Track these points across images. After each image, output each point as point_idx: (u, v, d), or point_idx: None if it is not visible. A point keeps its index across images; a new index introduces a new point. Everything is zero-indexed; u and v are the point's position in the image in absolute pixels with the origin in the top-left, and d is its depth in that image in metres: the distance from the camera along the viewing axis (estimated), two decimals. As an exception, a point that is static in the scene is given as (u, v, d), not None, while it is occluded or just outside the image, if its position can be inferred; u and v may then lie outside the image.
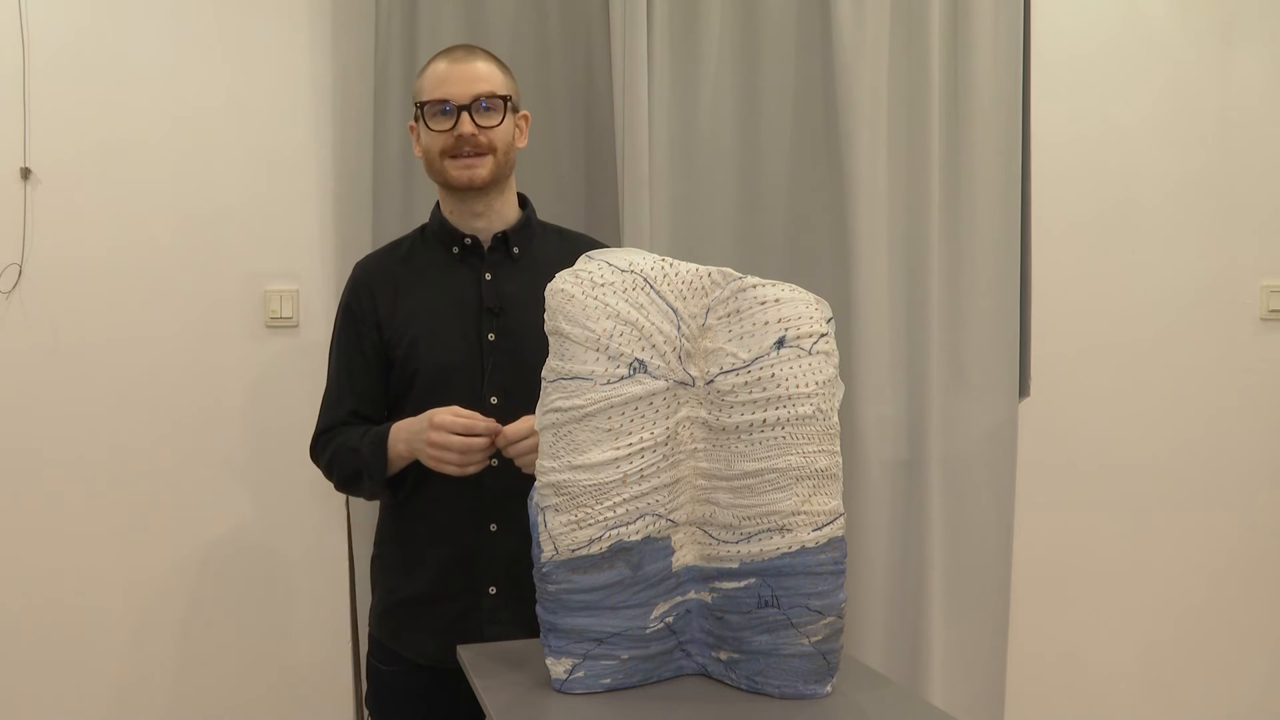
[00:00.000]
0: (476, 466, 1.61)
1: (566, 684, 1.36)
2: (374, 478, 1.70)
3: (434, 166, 1.76)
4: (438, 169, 1.75)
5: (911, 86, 2.57)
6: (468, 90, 1.72)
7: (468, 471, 1.61)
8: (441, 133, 1.72)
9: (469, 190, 1.75)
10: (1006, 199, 2.62)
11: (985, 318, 2.62)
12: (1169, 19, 2.79)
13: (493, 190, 1.77)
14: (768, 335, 1.34)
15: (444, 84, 1.73)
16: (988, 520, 2.65)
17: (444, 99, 1.72)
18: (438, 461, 1.61)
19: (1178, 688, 2.87)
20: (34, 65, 2.32)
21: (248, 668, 2.45)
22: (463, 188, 1.74)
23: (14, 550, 2.35)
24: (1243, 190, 2.83)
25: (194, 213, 2.39)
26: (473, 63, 1.75)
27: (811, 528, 1.33)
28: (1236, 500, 2.87)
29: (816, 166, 2.56)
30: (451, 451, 1.59)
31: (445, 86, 1.73)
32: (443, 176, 1.76)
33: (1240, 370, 2.85)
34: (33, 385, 2.34)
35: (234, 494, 2.43)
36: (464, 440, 1.58)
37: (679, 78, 2.49)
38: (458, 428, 1.59)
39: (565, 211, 2.43)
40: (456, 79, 1.73)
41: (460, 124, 1.71)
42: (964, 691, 2.66)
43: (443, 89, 1.73)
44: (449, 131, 1.72)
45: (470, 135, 1.71)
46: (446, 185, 1.77)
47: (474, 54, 1.77)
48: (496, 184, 1.77)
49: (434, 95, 1.73)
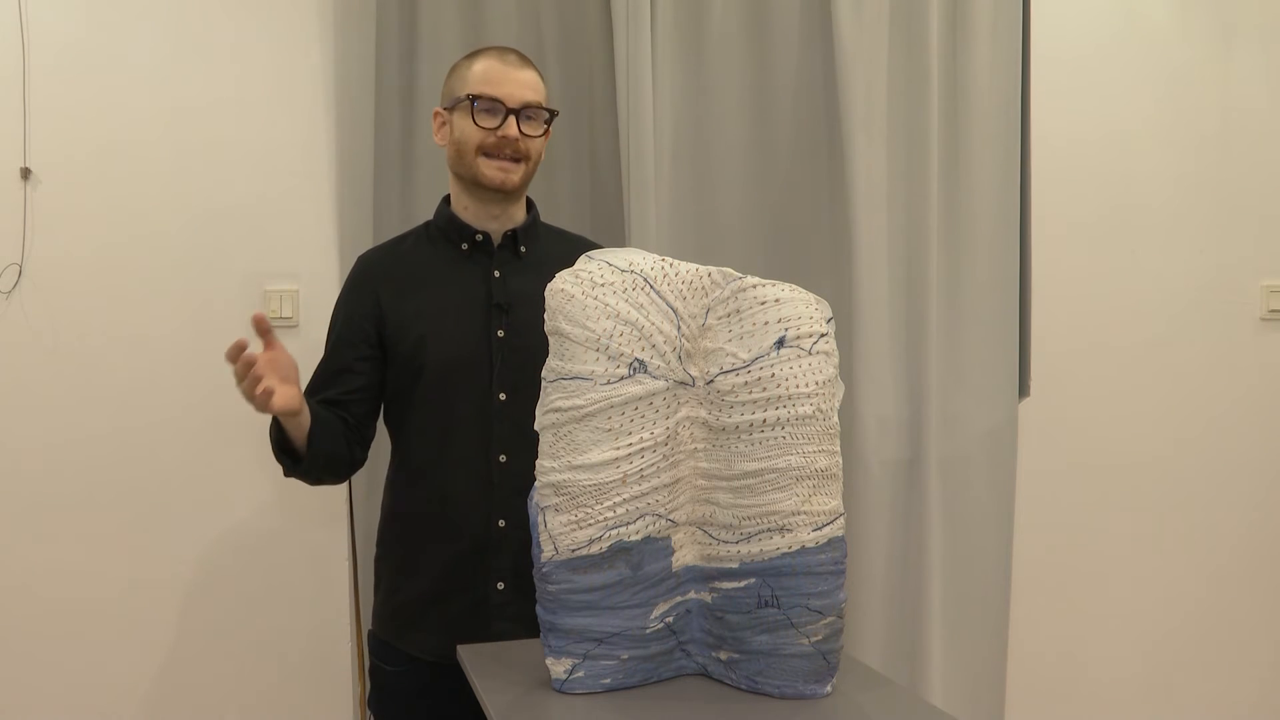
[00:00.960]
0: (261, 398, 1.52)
1: (566, 684, 1.36)
2: (272, 441, 1.71)
3: (465, 160, 1.75)
4: (469, 163, 1.75)
5: (911, 87, 2.58)
6: (520, 95, 1.73)
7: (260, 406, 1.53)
8: (486, 129, 1.73)
9: (497, 191, 1.75)
10: (1006, 199, 2.62)
11: (985, 318, 2.62)
12: (1169, 20, 2.79)
13: (514, 196, 1.79)
14: (768, 335, 1.34)
15: (497, 83, 1.73)
16: (988, 520, 2.65)
17: (498, 98, 1.72)
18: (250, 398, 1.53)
19: (1178, 687, 2.87)
20: (34, 65, 2.32)
21: (248, 667, 2.45)
22: (493, 188, 1.75)
23: (12, 549, 2.35)
24: (1243, 190, 2.84)
25: (194, 213, 2.39)
26: (527, 70, 1.77)
27: (811, 528, 1.33)
28: (1236, 500, 2.87)
29: (817, 167, 2.57)
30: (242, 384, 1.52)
31: (499, 86, 1.73)
32: (472, 171, 1.75)
33: (1240, 370, 2.86)
34: (33, 385, 2.35)
35: (234, 494, 2.43)
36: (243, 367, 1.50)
37: (681, 79, 2.49)
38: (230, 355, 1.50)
39: (569, 213, 2.44)
40: (511, 81, 1.73)
41: (506, 126, 1.72)
42: (964, 691, 2.66)
43: (496, 88, 1.73)
44: (493, 130, 1.72)
45: (514, 139, 1.72)
46: (474, 181, 1.76)
47: (526, 62, 1.79)
48: (520, 191, 1.79)
49: (487, 91, 1.73)
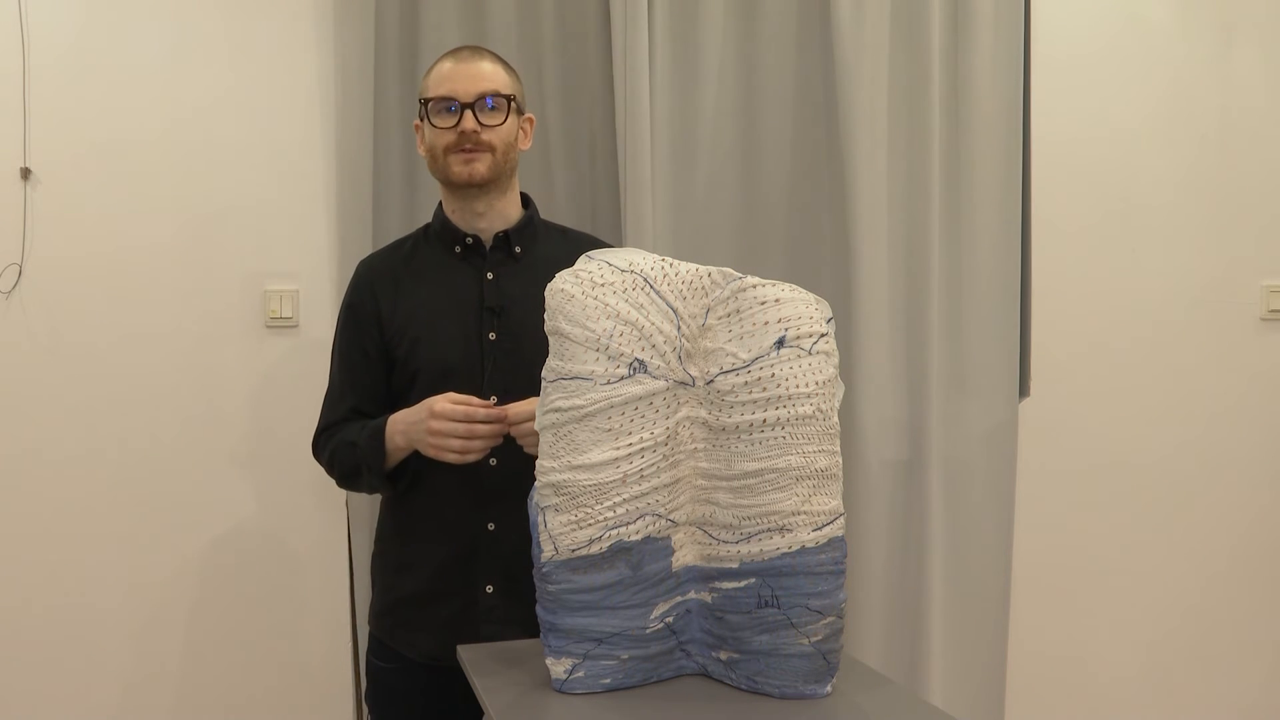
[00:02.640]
0: (476, 455, 1.61)
1: (566, 684, 1.36)
2: (373, 470, 1.70)
3: (437, 164, 1.76)
4: (440, 166, 1.76)
5: (912, 87, 2.57)
6: (472, 88, 1.73)
7: (468, 459, 1.61)
8: (445, 129, 1.73)
9: (469, 187, 1.75)
10: (1006, 199, 2.62)
11: (985, 318, 2.62)
12: (1169, 20, 2.79)
13: (493, 189, 1.77)
14: (768, 335, 1.34)
15: (449, 81, 1.74)
16: (988, 520, 2.65)
17: (449, 96, 1.73)
18: (438, 450, 1.61)
19: (1178, 687, 2.87)
20: (34, 65, 2.32)
21: (248, 666, 2.45)
22: (462, 184, 1.75)
23: (14, 550, 2.35)
24: (1243, 190, 2.83)
25: (194, 213, 2.39)
26: (478, 62, 1.76)
27: (811, 528, 1.33)
28: (1236, 500, 2.87)
29: (817, 167, 2.57)
30: (453, 439, 1.59)
31: (450, 84, 1.73)
32: (444, 173, 1.76)
33: (1240, 370, 2.85)
34: (32, 385, 2.34)
35: (234, 494, 2.43)
36: (466, 426, 1.58)
37: (680, 78, 2.49)
38: (458, 415, 1.58)
39: (567, 212, 2.43)
40: (462, 77, 1.74)
41: (463, 121, 1.72)
42: (964, 691, 2.66)
43: (447, 86, 1.73)
44: (452, 129, 1.72)
45: (472, 132, 1.72)
46: (448, 182, 1.77)
47: (480, 54, 1.78)
48: (497, 183, 1.77)
49: (438, 92, 1.74)
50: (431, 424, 1.60)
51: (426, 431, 1.60)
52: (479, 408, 1.59)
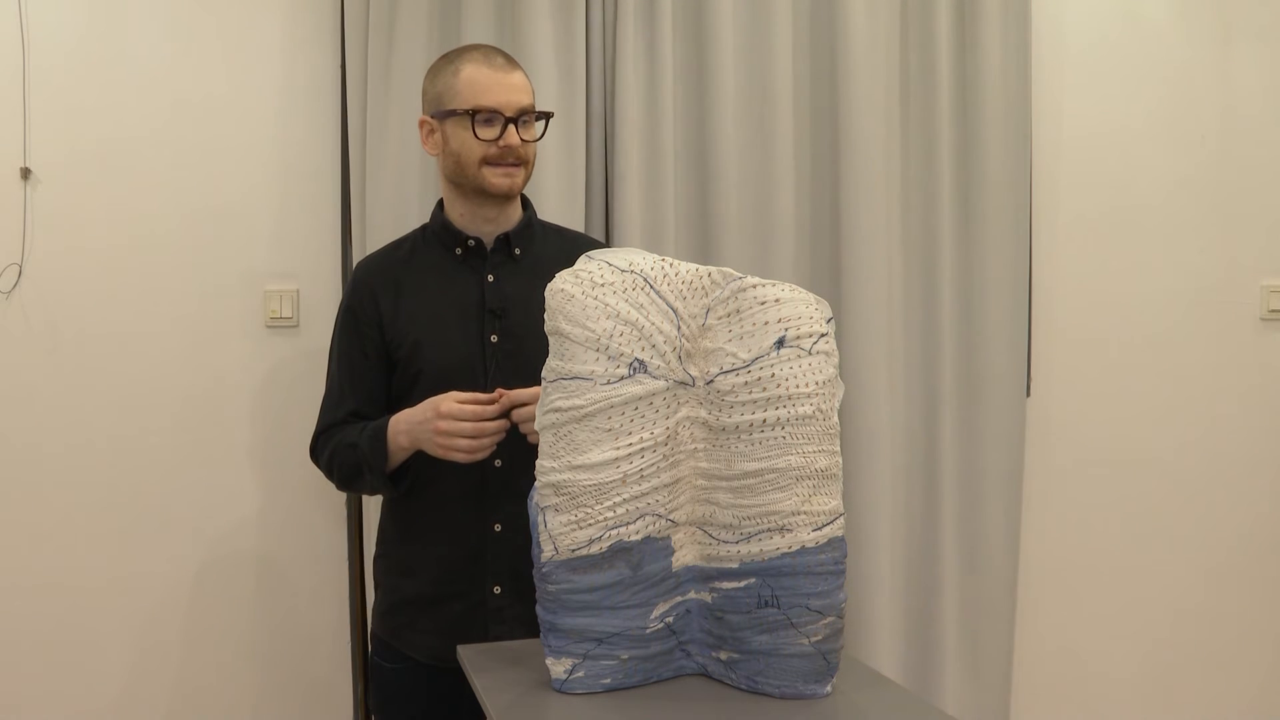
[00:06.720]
0: (484, 452, 1.61)
1: (566, 684, 1.36)
2: (374, 471, 1.70)
3: (467, 172, 1.74)
4: (472, 175, 1.74)
5: (920, 85, 2.58)
6: (514, 102, 1.73)
7: (477, 458, 1.61)
8: (487, 141, 1.72)
9: (503, 198, 1.75)
10: (1016, 199, 2.62)
11: (994, 318, 2.61)
12: (1169, 19, 2.79)
13: (514, 199, 1.79)
14: (768, 335, 1.34)
15: (491, 93, 1.72)
16: (996, 522, 2.64)
17: (495, 109, 1.72)
18: (446, 450, 1.60)
19: (1180, 685, 2.87)
20: (34, 65, 2.32)
21: (248, 667, 2.45)
22: (500, 195, 1.74)
23: (13, 549, 2.35)
24: (1243, 190, 2.84)
25: (194, 212, 2.39)
26: (516, 72, 1.76)
27: (811, 528, 1.33)
28: (1237, 499, 2.87)
29: (824, 165, 2.56)
30: (462, 438, 1.59)
31: (493, 95, 1.72)
32: (477, 183, 1.74)
33: (1240, 370, 2.86)
34: (32, 385, 2.34)
35: (234, 494, 2.43)
36: (475, 425, 1.58)
37: (687, 74, 2.48)
38: (466, 415, 1.59)
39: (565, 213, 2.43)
40: (504, 88, 1.73)
41: (507, 136, 1.72)
42: (972, 692, 2.66)
43: (490, 97, 1.72)
44: (494, 141, 1.72)
45: (516, 147, 1.72)
46: (480, 191, 1.75)
47: (513, 64, 1.78)
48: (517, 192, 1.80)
49: (482, 103, 1.72)
50: (439, 424, 1.60)
51: (434, 431, 1.60)
52: (485, 404, 1.59)
